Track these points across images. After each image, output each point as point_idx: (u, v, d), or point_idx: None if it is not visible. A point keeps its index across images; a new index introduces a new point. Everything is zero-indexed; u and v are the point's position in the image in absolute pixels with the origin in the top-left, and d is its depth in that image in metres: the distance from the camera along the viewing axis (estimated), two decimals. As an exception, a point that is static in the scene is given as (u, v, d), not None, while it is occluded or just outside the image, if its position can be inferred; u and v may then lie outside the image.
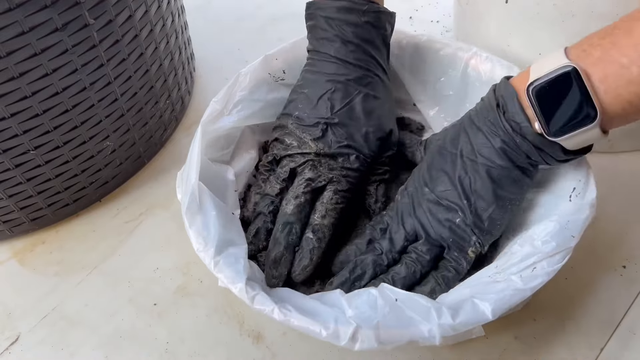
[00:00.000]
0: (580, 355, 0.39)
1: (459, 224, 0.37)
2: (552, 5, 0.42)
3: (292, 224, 0.39)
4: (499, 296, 0.32)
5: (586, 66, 0.31)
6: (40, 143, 0.42)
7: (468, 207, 0.36)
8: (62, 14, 0.37)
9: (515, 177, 0.36)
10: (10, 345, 0.42)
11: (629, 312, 0.41)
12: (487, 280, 0.35)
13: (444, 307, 0.32)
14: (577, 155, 0.35)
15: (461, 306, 0.32)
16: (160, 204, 0.50)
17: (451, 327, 0.31)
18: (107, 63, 0.42)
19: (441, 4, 0.68)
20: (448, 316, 0.31)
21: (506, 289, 0.32)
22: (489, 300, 0.32)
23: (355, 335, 0.31)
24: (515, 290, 0.32)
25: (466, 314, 0.31)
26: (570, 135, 0.32)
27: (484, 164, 0.36)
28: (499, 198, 0.36)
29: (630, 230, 0.45)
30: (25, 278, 0.46)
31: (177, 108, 0.55)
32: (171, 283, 0.44)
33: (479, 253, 0.38)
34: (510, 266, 0.34)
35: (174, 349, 0.41)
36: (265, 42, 0.66)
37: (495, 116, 0.35)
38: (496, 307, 0.31)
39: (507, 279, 0.33)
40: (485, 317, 0.31)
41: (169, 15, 0.49)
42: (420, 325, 0.31)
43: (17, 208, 0.45)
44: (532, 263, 0.33)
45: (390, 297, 0.33)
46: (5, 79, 0.36)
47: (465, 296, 0.33)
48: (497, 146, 0.35)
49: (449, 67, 0.47)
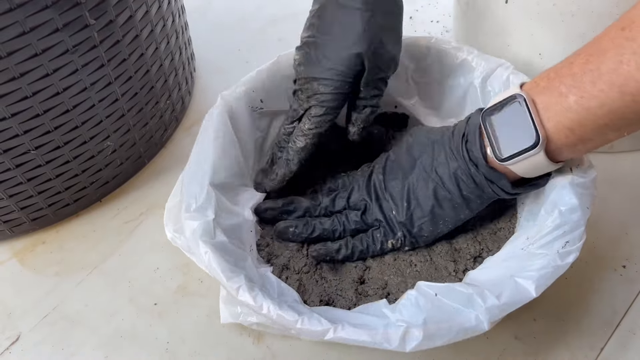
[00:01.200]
0: (580, 355, 0.39)
1: (392, 217, 0.41)
2: (552, 5, 0.42)
3: (274, 147, 0.45)
4: (541, 273, 0.32)
5: (533, 95, 0.33)
6: (41, 143, 0.42)
7: (405, 209, 0.40)
8: (63, 14, 0.37)
9: (456, 204, 0.39)
10: (11, 345, 0.42)
11: (629, 312, 0.41)
12: (521, 253, 0.35)
13: (486, 290, 0.32)
14: (526, 190, 0.37)
15: (503, 286, 0.32)
16: (161, 204, 0.50)
17: (498, 309, 0.31)
18: (108, 63, 0.42)
19: (441, 4, 0.68)
20: (493, 298, 0.31)
21: (547, 266, 0.32)
22: (531, 278, 0.32)
23: (405, 336, 0.31)
24: (556, 267, 0.32)
25: (510, 293, 0.32)
26: (517, 160, 0.33)
27: (434, 180, 0.39)
28: (434, 215, 0.39)
29: (630, 230, 0.45)
30: (25, 278, 0.46)
31: (177, 108, 0.55)
32: (171, 283, 0.45)
33: (396, 248, 0.41)
34: (541, 237, 0.34)
35: (174, 349, 0.41)
36: (266, 43, 0.66)
37: (458, 143, 0.37)
38: (539, 285, 0.32)
39: (544, 254, 0.33)
40: (530, 295, 0.32)
41: (170, 15, 0.49)
42: (467, 314, 0.31)
43: (17, 208, 0.45)
44: (563, 234, 0.33)
45: (429, 292, 0.33)
46: (6, 79, 0.36)
47: (504, 274, 0.33)
48: (452, 171, 0.38)
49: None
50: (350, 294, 0.40)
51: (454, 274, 0.40)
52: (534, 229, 0.36)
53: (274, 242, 0.43)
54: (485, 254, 0.41)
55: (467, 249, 0.41)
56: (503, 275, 0.34)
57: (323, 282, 0.41)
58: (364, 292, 0.40)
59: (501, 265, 0.36)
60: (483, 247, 0.41)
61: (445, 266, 0.41)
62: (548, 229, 0.34)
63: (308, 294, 0.40)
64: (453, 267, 0.40)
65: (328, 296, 0.40)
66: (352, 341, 0.32)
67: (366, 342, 0.32)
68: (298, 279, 0.41)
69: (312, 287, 0.40)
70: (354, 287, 0.40)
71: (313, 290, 0.40)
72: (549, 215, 0.35)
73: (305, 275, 0.41)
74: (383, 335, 0.31)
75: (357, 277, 0.41)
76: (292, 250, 0.42)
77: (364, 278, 0.41)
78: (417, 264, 0.41)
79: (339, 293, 0.40)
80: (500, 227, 0.42)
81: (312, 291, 0.40)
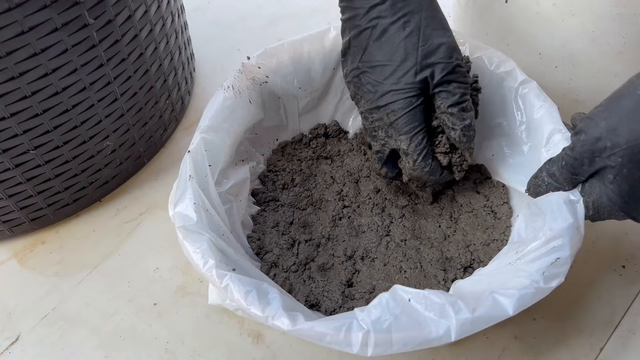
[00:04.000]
0: (580, 355, 0.39)
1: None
2: (552, 5, 0.42)
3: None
4: (522, 293, 0.31)
5: None
6: (40, 143, 0.42)
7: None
8: (62, 13, 0.37)
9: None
10: (11, 345, 0.42)
11: (629, 312, 0.41)
12: (508, 268, 0.34)
13: (461, 301, 0.31)
14: None
15: (481, 300, 0.31)
16: (160, 204, 0.50)
17: (470, 323, 0.30)
18: (107, 63, 0.42)
19: (441, 4, 0.67)
20: (466, 311, 0.30)
21: (529, 287, 0.31)
22: (511, 296, 0.31)
23: (367, 340, 0.30)
24: (538, 289, 0.31)
25: (486, 309, 0.31)
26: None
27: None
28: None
29: (630, 230, 0.45)
30: (25, 278, 0.46)
31: (177, 108, 0.55)
32: (171, 283, 0.44)
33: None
34: (530, 252, 0.34)
35: (174, 349, 0.41)
36: (266, 42, 0.65)
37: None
38: (518, 305, 0.31)
39: (529, 274, 0.32)
40: (506, 314, 0.31)
41: (169, 15, 0.49)
42: (435, 324, 0.30)
43: (17, 208, 0.45)
44: (552, 249, 0.33)
45: (403, 297, 0.32)
46: (5, 79, 0.36)
47: (486, 287, 0.33)
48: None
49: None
50: (337, 296, 0.40)
51: (442, 283, 0.40)
52: (525, 244, 0.36)
53: (265, 237, 0.43)
54: (477, 264, 0.41)
55: (458, 258, 0.41)
56: (485, 289, 0.33)
57: (311, 283, 0.41)
58: (351, 295, 0.40)
59: (486, 279, 0.35)
60: (474, 258, 0.41)
61: (435, 274, 0.40)
62: (538, 245, 0.34)
63: (294, 293, 0.40)
64: (443, 276, 0.40)
65: (314, 297, 0.40)
66: (313, 338, 0.31)
67: (330, 343, 0.31)
68: (286, 277, 0.41)
69: (299, 287, 0.40)
70: (341, 289, 0.40)
71: (300, 289, 0.40)
72: (541, 232, 0.35)
73: (294, 274, 0.41)
74: (345, 339, 0.30)
75: (345, 280, 0.41)
76: (282, 248, 0.43)
77: (352, 281, 0.41)
78: (407, 271, 0.41)
79: (326, 294, 0.40)
80: (493, 239, 0.41)
81: (298, 290, 0.40)
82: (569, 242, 0.33)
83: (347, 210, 0.46)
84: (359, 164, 0.49)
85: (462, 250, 0.42)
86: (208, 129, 0.40)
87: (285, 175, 0.48)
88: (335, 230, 0.45)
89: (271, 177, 0.48)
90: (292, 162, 0.49)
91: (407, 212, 0.45)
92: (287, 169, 0.48)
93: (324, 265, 0.42)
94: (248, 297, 0.32)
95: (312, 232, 0.45)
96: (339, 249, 0.44)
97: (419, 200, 0.46)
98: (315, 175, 0.49)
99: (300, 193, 0.47)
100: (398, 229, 0.44)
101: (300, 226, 0.45)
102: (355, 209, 0.46)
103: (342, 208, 0.46)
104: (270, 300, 0.32)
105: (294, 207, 0.47)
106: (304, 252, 0.43)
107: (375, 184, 0.47)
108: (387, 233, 0.44)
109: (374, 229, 0.45)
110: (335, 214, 0.46)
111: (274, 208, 0.46)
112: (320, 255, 0.43)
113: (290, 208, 0.46)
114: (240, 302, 0.32)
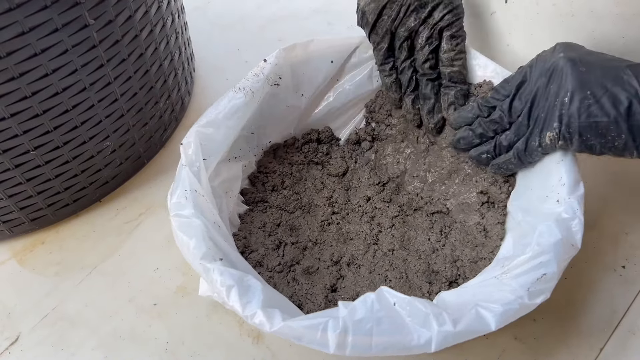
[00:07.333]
0: (580, 355, 0.39)
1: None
2: (552, 5, 0.42)
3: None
4: (505, 308, 0.31)
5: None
6: (40, 143, 0.42)
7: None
8: (62, 14, 0.37)
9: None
10: (10, 345, 0.42)
11: (629, 312, 0.41)
12: (494, 281, 0.34)
13: (445, 313, 0.31)
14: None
15: (464, 313, 0.31)
16: (160, 204, 0.50)
17: (452, 335, 0.30)
18: (107, 63, 0.42)
19: (441, 4, 0.68)
20: (449, 323, 0.30)
21: (513, 302, 0.31)
22: (494, 311, 0.31)
23: (343, 341, 0.30)
24: (522, 305, 0.31)
25: (469, 322, 0.30)
26: None
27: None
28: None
29: (630, 230, 0.45)
30: (25, 278, 0.46)
31: (177, 108, 0.55)
32: (171, 283, 0.44)
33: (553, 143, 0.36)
34: (517, 266, 0.33)
35: (174, 349, 0.41)
36: (265, 42, 0.66)
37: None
38: (501, 320, 0.30)
39: (514, 289, 0.32)
40: (488, 328, 0.30)
41: (169, 15, 0.49)
42: (417, 332, 0.30)
43: (17, 208, 0.45)
44: (539, 264, 0.32)
45: (388, 300, 0.32)
46: (5, 79, 0.36)
47: (470, 299, 0.32)
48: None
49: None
50: (320, 300, 0.40)
51: (427, 295, 0.40)
52: (511, 258, 0.35)
53: (251, 236, 0.43)
54: (462, 280, 0.40)
55: (444, 272, 0.41)
56: (469, 301, 0.32)
57: (294, 284, 0.41)
58: (334, 300, 0.40)
59: (471, 290, 0.34)
60: (460, 274, 0.41)
61: (420, 286, 0.40)
62: (525, 260, 0.33)
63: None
64: (427, 288, 0.40)
65: (297, 298, 0.40)
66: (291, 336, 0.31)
67: (309, 342, 0.31)
68: (270, 277, 0.41)
69: (282, 287, 0.40)
70: (324, 293, 0.40)
71: (283, 290, 0.40)
72: (528, 247, 0.34)
73: (278, 274, 0.41)
74: (321, 338, 0.30)
75: (329, 285, 0.41)
76: (268, 248, 0.43)
77: (337, 286, 0.41)
78: (392, 280, 0.41)
79: (309, 297, 0.40)
80: (481, 257, 0.41)
81: (282, 291, 0.40)
82: (556, 258, 0.32)
83: (336, 217, 0.46)
84: (349, 171, 0.49)
85: (449, 264, 0.41)
86: (207, 123, 0.41)
87: (276, 177, 0.48)
88: (323, 235, 0.45)
89: (261, 179, 0.48)
90: (283, 165, 0.49)
91: (397, 223, 0.45)
92: (277, 172, 0.48)
93: (309, 269, 0.42)
94: (230, 292, 0.32)
95: (299, 235, 0.45)
96: (326, 254, 0.44)
97: (409, 210, 0.46)
98: (306, 179, 0.49)
99: (290, 196, 0.47)
100: (387, 238, 0.44)
101: (287, 229, 0.45)
102: (345, 216, 0.46)
103: (332, 214, 0.46)
104: (251, 298, 0.32)
105: (282, 210, 0.46)
106: (289, 254, 0.43)
107: (366, 193, 0.47)
108: (375, 242, 0.44)
109: (362, 236, 0.45)
110: (324, 219, 0.46)
111: (262, 209, 0.46)
112: (306, 259, 0.43)
113: (278, 210, 0.46)
114: (222, 296, 0.32)
